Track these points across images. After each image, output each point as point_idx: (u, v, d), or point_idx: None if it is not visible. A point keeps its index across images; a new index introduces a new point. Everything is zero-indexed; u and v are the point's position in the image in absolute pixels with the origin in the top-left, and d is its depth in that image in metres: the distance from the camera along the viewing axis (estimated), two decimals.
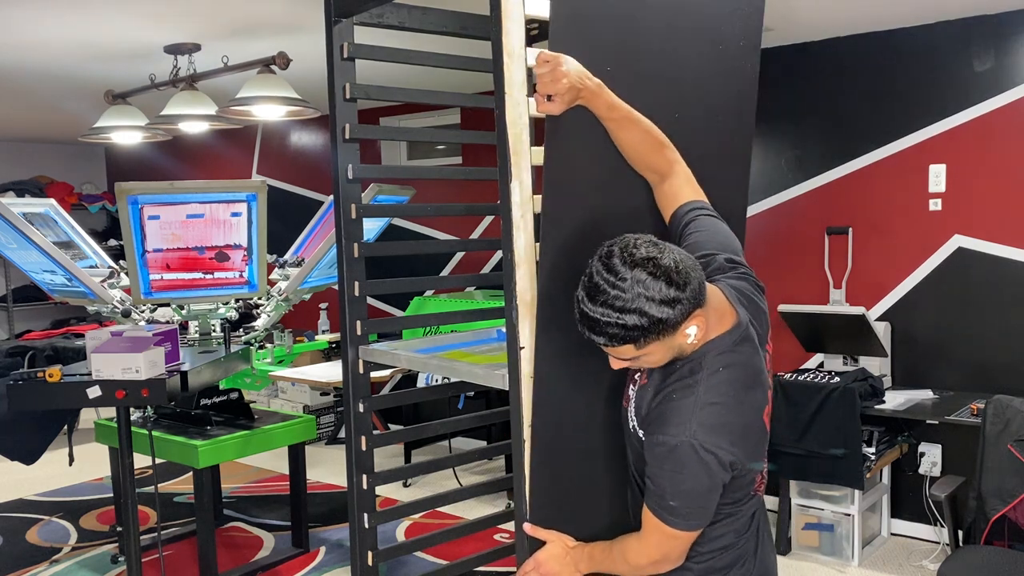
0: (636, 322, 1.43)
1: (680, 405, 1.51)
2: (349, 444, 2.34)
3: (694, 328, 1.49)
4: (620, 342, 1.46)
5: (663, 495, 1.52)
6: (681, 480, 1.50)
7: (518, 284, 1.72)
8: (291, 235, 5.14)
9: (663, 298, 1.43)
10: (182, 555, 4.23)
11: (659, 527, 1.55)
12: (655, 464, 1.52)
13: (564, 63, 1.59)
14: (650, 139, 1.71)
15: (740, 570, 1.69)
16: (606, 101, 1.65)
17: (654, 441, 1.52)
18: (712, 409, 1.50)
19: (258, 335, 4.60)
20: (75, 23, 3.62)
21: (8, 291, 7.72)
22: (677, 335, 1.48)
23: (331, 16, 2.24)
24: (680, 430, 1.49)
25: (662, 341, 1.47)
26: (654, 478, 1.53)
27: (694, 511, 1.53)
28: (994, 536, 3.08)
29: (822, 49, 4.37)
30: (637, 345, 1.47)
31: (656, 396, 1.57)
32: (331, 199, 2.75)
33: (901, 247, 4.23)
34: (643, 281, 1.42)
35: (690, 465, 1.49)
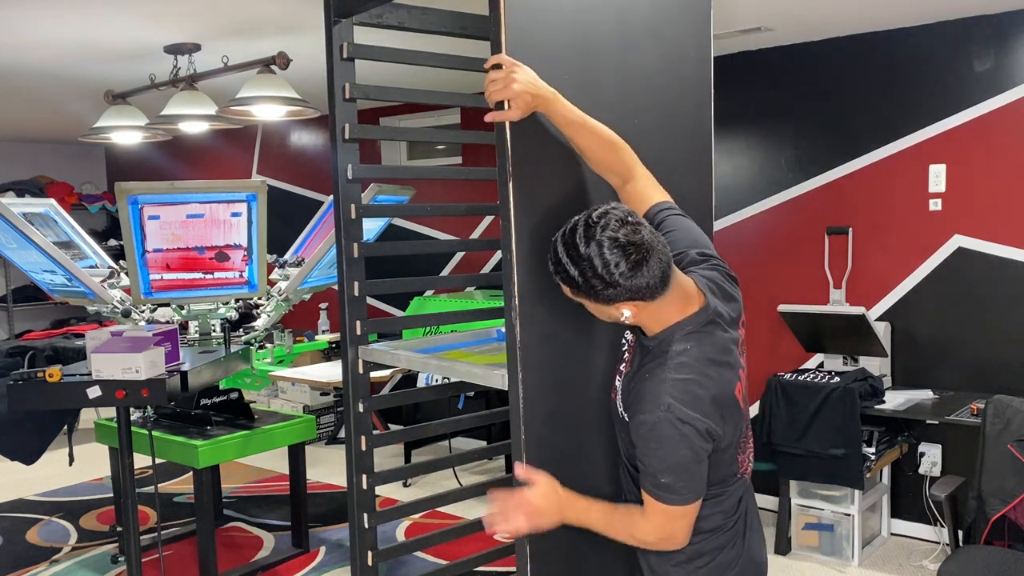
0: (573, 274, 1.56)
1: (653, 383, 1.59)
2: (349, 444, 2.34)
3: (628, 312, 1.60)
4: (560, 280, 1.61)
5: (655, 474, 1.58)
6: (666, 455, 1.57)
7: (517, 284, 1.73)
8: (291, 235, 5.14)
9: (604, 275, 1.54)
10: (182, 555, 4.23)
11: (659, 507, 1.61)
12: (641, 444, 1.59)
13: (517, 70, 1.63)
14: (607, 144, 1.75)
15: (729, 552, 1.72)
16: (561, 109, 1.69)
17: (636, 422, 1.60)
18: (682, 383, 1.58)
19: (258, 335, 4.60)
20: (75, 23, 3.62)
21: (8, 291, 7.72)
22: (607, 308, 1.61)
23: (331, 16, 2.23)
24: (655, 406, 1.57)
25: (592, 304, 1.62)
26: (643, 458, 1.60)
27: (686, 484, 1.59)
28: (994, 536, 3.08)
29: (822, 49, 4.37)
30: (573, 292, 1.61)
31: (635, 379, 1.66)
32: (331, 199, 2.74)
33: (901, 247, 4.23)
34: (603, 253, 1.53)
35: (671, 438, 1.56)
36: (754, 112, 4.59)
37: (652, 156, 1.87)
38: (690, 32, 2.05)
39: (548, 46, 1.77)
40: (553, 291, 1.78)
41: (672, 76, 2.02)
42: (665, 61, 2.00)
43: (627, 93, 1.92)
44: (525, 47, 1.72)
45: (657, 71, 1.98)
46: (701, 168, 2.09)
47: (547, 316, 1.78)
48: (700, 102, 2.09)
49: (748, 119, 4.61)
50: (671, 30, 2.01)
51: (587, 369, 1.85)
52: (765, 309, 4.41)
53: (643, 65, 1.95)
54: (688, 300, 1.64)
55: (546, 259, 1.64)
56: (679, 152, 2.03)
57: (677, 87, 2.03)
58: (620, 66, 1.91)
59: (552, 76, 1.76)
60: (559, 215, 1.79)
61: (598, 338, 1.86)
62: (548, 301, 1.77)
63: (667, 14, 2.00)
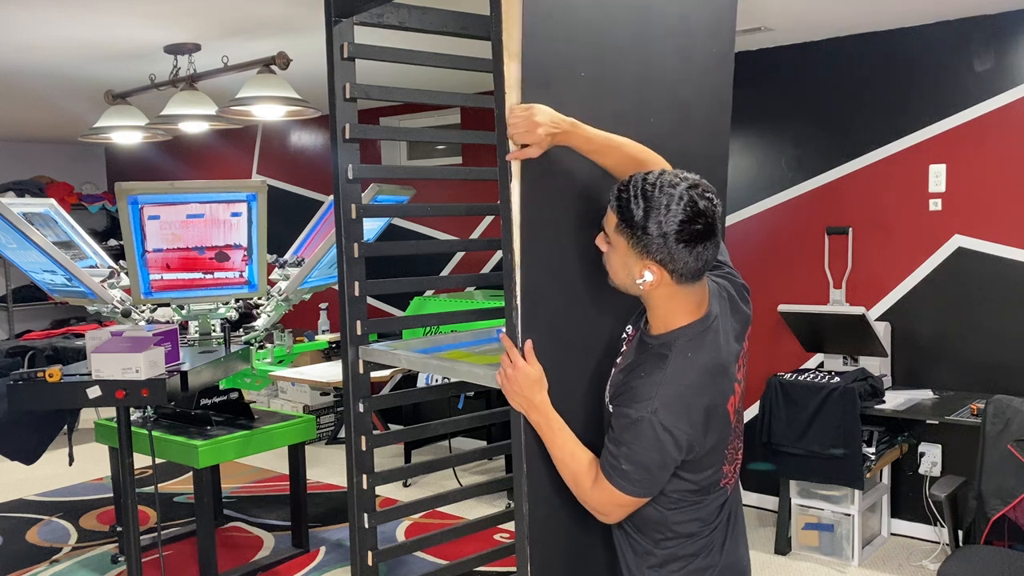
0: (633, 206, 1.55)
1: (646, 382, 1.60)
2: (349, 444, 2.34)
3: (648, 275, 1.58)
4: (614, 207, 1.58)
5: (618, 459, 1.61)
6: (636, 451, 1.59)
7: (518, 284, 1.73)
8: (291, 235, 5.14)
9: (663, 220, 1.53)
10: (182, 555, 4.23)
11: (608, 487, 1.64)
12: (617, 431, 1.62)
13: (537, 113, 1.64)
14: (633, 160, 1.75)
15: (705, 560, 1.73)
16: (582, 136, 1.70)
17: (619, 412, 1.62)
18: (675, 389, 1.59)
19: (258, 335, 4.60)
20: (75, 23, 3.62)
21: (8, 291, 7.72)
22: (636, 260, 1.58)
23: (331, 16, 2.23)
24: (643, 406, 1.58)
25: (628, 246, 1.58)
26: (613, 443, 1.62)
27: (643, 480, 1.62)
28: (994, 536, 3.08)
29: (822, 49, 4.37)
30: (618, 225, 1.58)
31: (628, 372, 1.66)
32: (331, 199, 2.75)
33: (901, 247, 4.23)
34: (675, 204, 1.53)
35: (647, 439, 1.58)
36: (754, 112, 4.59)
37: (668, 156, 1.84)
38: (711, 30, 2.00)
39: (565, 44, 1.75)
40: (553, 291, 1.78)
41: (691, 74, 1.98)
42: (684, 59, 1.95)
43: (644, 91, 1.89)
44: (542, 45, 1.69)
45: (676, 69, 1.94)
46: (716, 169, 2.05)
47: (547, 316, 1.77)
48: (719, 102, 2.04)
49: (748, 119, 4.61)
50: (690, 28, 1.97)
51: (587, 369, 1.85)
52: (765, 309, 4.41)
53: (662, 63, 1.92)
54: (699, 307, 1.64)
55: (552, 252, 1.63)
56: (695, 152, 1.99)
57: (696, 85, 1.99)
58: (638, 64, 1.88)
59: (568, 73, 1.74)
60: (560, 215, 1.79)
61: (598, 338, 1.86)
62: (548, 301, 1.77)
63: (687, 12, 1.96)
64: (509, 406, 1.77)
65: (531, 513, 1.76)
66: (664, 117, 1.93)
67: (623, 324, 1.85)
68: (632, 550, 1.75)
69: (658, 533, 1.70)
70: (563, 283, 1.81)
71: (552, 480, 1.78)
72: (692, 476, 1.66)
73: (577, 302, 1.83)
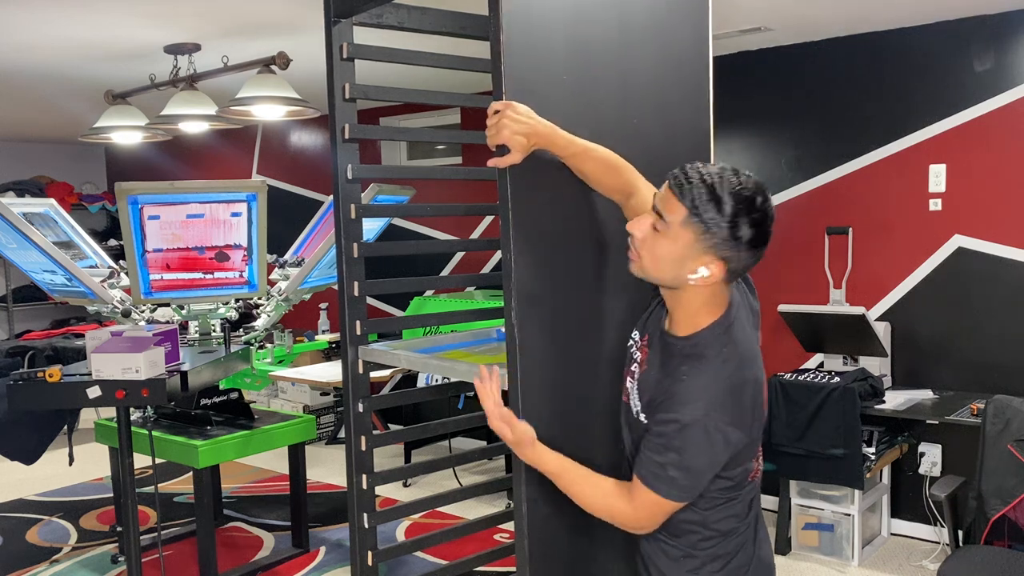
0: (722, 205, 1.50)
1: (690, 385, 1.56)
2: (349, 444, 2.34)
3: (705, 271, 1.54)
4: (689, 201, 1.51)
5: (664, 467, 1.56)
6: (685, 457, 1.55)
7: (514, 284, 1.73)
8: (291, 235, 5.14)
9: (747, 220, 1.51)
10: (182, 555, 4.23)
11: (650, 496, 1.59)
12: (662, 440, 1.56)
13: (509, 113, 1.65)
14: (611, 167, 1.75)
15: (742, 556, 1.71)
16: (560, 141, 1.70)
17: (663, 419, 1.56)
18: (722, 387, 1.55)
19: (258, 335, 4.60)
20: (75, 23, 3.62)
21: (8, 291, 7.72)
22: (698, 255, 1.53)
23: (330, 16, 2.23)
24: (692, 409, 1.53)
25: (693, 244, 1.52)
26: (656, 451, 1.57)
27: (689, 485, 1.58)
28: (994, 536, 3.08)
29: (822, 49, 4.37)
30: (688, 219, 1.51)
31: (664, 378, 1.61)
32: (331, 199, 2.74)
33: (901, 247, 4.23)
34: (760, 205, 1.52)
35: (699, 443, 1.54)
36: (754, 112, 4.59)
37: (651, 156, 1.87)
38: (689, 32, 2.05)
39: (546, 47, 1.77)
40: (553, 291, 1.78)
41: (671, 76, 2.02)
42: (664, 61, 2.00)
43: (626, 93, 1.92)
44: (523, 48, 1.72)
45: (656, 71, 1.98)
46: None
47: (547, 316, 1.77)
48: (699, 102, 2.09)
49: (748, 119, 4.61)
50: (670, 30, 2.01)
51: (587, 369, 1.85)
52: (765, 309, 4.37)
53: (642, 66, 1.95)
54: (722, 306, 1.62)
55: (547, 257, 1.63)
56: (678, 153, 2.03)
57: (676, 87, 2.03)
58: (619, 66, 1.91)
59: (550, 77, 1.76)
60: (560, 215, 1.80)
61: (599, 338, 1.86)
62: (548, 301, 1.77)
63: (666, 14, 2.01)
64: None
65: (531, 513, 1.76)
66: (646, 118, 1.96)
67: (621, 323, 1.85)
68: (667, 555, 1.70)
69: (696, 535, 1.67)
70: (561, 283, 1.81)
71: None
72: (730, 472, 1.63)
73: (576, 302, 1.83)
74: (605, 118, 1.86)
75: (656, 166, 1.86)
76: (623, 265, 1.89)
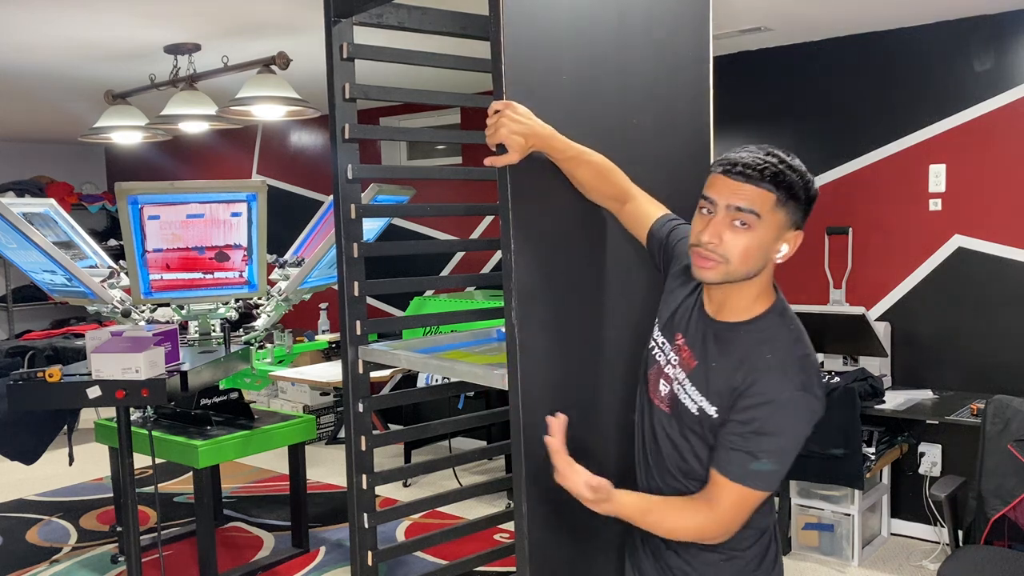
0: (804, 176, 1.54)
1: (776, 364, 1.53)
2: (349, 444, 2.34)
3: (785, 247, 1.57)
4: (777, 183, 1.51)
5: (755, 455, 1.52)
6: (783, 438, 1.53)
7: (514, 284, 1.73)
8: (291, 235, 5.14)
9: (811, 185, 1.57)
10: (182, 555, 4.23)
11: (738, 494, 1.54)
12: (752, 425, 1.52)
13: (507, 113, 1.65)
14: (603, 173, 1.76)
15: (773, 550, 1.71)
16: (557, 144, 1.70)
17: (754, 403, 1.52)
18: (803, 363, 1.55)
19: (258, 335, 4.60)
20: (75, 23, 3.62)
21: (8, 291, 7.72)
22: (783, 233, 1.56)
23: (331, 16, 2.23)
24: (784, 385, 1.52)
25: (780, 224, 1.54)
26: (746, 441, 1.52)
27: (779, 471, 1.55)
28: (994, 536, 3.08)
29: (822, 49, 4.37)
30: (778, 202, 1.52)
31: (740, 365, 1.56)
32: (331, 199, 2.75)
33: (901, 247, 4.23)
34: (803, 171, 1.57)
35: (792, 421, 1.52)
36: (754, 112, 4.59)
37: (651, 156, 1.88)
38: (689, 32, 2.06)
39: (546, 47, 1.77)
40: (553, 291, 1.78)
41: (671, 76, 2.02)
42: (663, 61, 2.00)
43: (626, 93, 1.92)
44: (523, 48, 1.72)
45: (656, 71, 1.98)
46: (699, 168, 2.09)
47: (547, 316, 1.77)
48: (699, 102, 2.09)
49: (748, 119, 4.60)
50: (669, 30, 2.02)
51: (587, 369, 1.85)
52: None
53: (642, 66, 1.95)
54: (770, 289, 1.63)
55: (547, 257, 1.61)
56: (678, 152, 2.03)
57: (676, 87, 2.03)
58: (618, 66, 1.91)
59: (550, 77, 1.76)
60: (560, 215, 1.80)
61: (599, 338, 1.86)
62: (548, 301, 1.77)
63: (665, 14, 2.01)
64: (509, 406, 1.77)
65: (531, 513, 1.76)
66: (646, 117, 1.96)
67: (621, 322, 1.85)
68: (706, 563, 1.65)
69: (742, 536, 1.63)
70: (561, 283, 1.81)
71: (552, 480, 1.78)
72: None
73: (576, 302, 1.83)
74: (605, 118, 1.87)
75: (656, 166, 1.87)
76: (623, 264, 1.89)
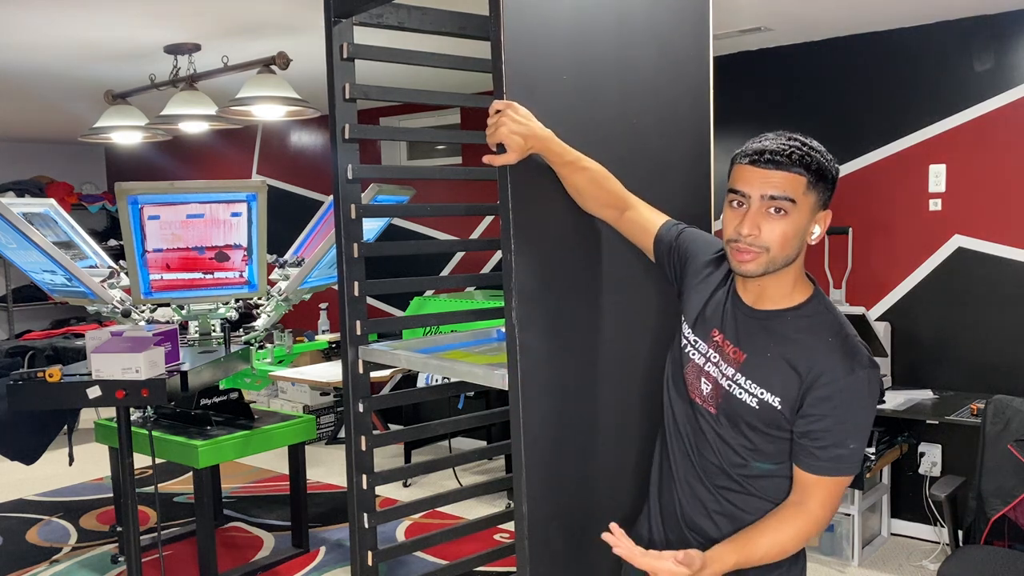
0: (830, 158, 1.56)
1: (841, 344, 1.55)
2: (349, 444, 2.34)
3: (817, 228, 1.58)
4: (808, 166, 1.52)
5: (842, 441, 1.53)
6: (864, 416, 1.54)
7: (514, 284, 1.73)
8: (291, 235, 5.14)
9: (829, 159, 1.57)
10: (182, 555, 4.23)
11: (828, 483, 1.55)
12: (833, 413, 1.52)
13: (509, 113, 1.65)
14: (600, 179, 1.75)
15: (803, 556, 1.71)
16: (556, 147, 1.70)
17: (836, 388, 1.51)
18: (858, 339, 1.58)
19: (258, 335, 4.60)
20: (75, 23, 3.62)
21: (8, 291, 7.72)
22: (814, 217, 1.56)
23: (331, 16, 2.23)
24: (855, 363, 1.52)
25: (812, 206, 1.55)
26: (831, 429, 1.52)
27: (861, 450, 1.57)
28: (994, 536, 3.08)
29: (822, 49, 4.37)
30: (810, 184, 1.53)
31: (804, 352, 1.55)
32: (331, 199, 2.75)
33: (901, 247, 4.23)
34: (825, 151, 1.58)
35: (872, 396, 1.54)
36: (754, 112, 4.59)
37: (651, 156, 1.88)
38: (689, 32, 2.06)
39: (546, 47, 1.77)
40: (553, 291, 1.78)
41: (671, 76, 2.02)
42: (664, 61, 2.00)
43: (626, 93, 1.92)
44: (523, 48, 1.72)
45: (656, 71, 1.98)
46: (700, 168, 2.10)
47: (547, 316, 1.77)
48: (699, 102, 2.09)
49: (748, 119, 4.60)
50: (670, 30, 2.02)
51: (588, 369, 1.85)
52: None
53: (642, 66, 1.95)
54: (804, 275, 1.65)
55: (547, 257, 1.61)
56: (678, 152, 2.03)
57: (676, 87, 2.03)
58: (619, 66, 1.91)
59: (550, 77, 1.76)
60: (560, 215, 1.80)
61: (599, 338, 1.86)
62: (548, 301, 1.77)
63: (666, 14, 2.01)
64: (509, 406, 1.77)
65: (531, 513, 1.76)
66: (646, 117, 1.96)
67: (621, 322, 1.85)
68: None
69: None
70: (561, 283, 1.81)
71: (552, 480, 1.78)
72: None
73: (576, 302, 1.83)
74: (605, 118, 1.87)
75: (656, 166, 1.87)
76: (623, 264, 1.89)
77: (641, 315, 1.93)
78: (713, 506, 1.66)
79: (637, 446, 1.93)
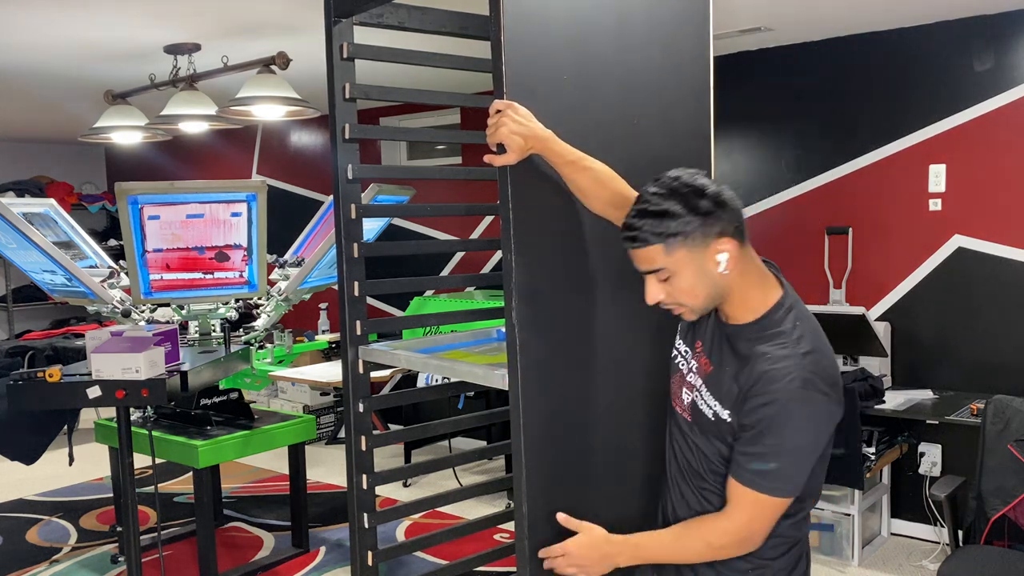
0: (670, 208, 1.51)
1: (778, 361, 1.52)
2: (349, 444, 2.34)
3: (725, 255, 1.53)
4: (651, 236, 1.52)
5: (764, 456, 1.51)
6: (787, 436, 1.51)
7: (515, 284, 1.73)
8: (291, 235, 5.14)
9: (712, 193, 1.52)
10: (182, 555, 4.23)
11: (751, 499, 1.54)
12: (759, 427, 1.52)
13: (509, 113, 1.65)
14: (603, 178, 1.74)
15: (804, 565, 1.71)
16: (556, 148, 1.70)
17: (758, 403, 1.52)
18: (809, 360, 1.53)
19: (258, 335, 4.60)
20: (75, 23, 3.62)
21: (8, 291, 7.72)
22: (708, 253, 1.52)
23: (331, 16, 2.23)
24: (787, 384, 1.50)
25: (692, 252, 1.52)
26: (754, 443, 1.52)
27: (793, 474, 1.53)
28: (994, 536, 3.08)
29: (822, 49, 4.37)
30: (667, 246, 1.51)
31: (745, 365, 1.56)
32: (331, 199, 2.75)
33: (901, 247, 4.23)
34: (694, 179, 1.54)
35: (800, 421, 1.51)
36: (754, 112, 4.59)
37: (651, 156, 1.87)
38: (689, 32, 2.06)
39: (546, 47, 1.77)
40: (553, 291, 1.78)
41: (671, 76, 2.02)
42: (664, 61, 2.00)
43: (626, 93, 1.92)
44: (523, 48, 1.72)
45: (656, 71, 1.98)
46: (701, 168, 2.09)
47: (547, 316, 1.77)
48: (699, 102, 2.09)
49: (748, 119, 4.61)
50: (670, 30, 2.02)
51: (587, 369, 1.85)
52: None
53: (642, 66, 1.95)
54: (768, 282, 1.61)
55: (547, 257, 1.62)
56: (678, 152, 2.03)
57: (676, 87, 2.03)
58: (619, 66, 1.91)
59: (550, 77, 1.76)
60: (560, 215, 1.80)
61: (599, 338, 1.86)
62: (548, 301, 1.77)
63: (666, 14, 2.01)
64: (509, 406, 1.77)
65: (531, 513, 1.76)
66: (646, 117, 1.96)
67: (621, 322, 1.85)
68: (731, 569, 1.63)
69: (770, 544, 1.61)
70: (561, 283, 1.81)
71: (552, 480, 1.78)
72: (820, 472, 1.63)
73: (576, 302, 1.83)
74: (605, 118, 1.87)
75: (656, 166, 1.85)
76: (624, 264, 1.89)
77: (641, 315, 1.93)
78: (695, 505, 1.69)
79: (637, 446, 1.93)
